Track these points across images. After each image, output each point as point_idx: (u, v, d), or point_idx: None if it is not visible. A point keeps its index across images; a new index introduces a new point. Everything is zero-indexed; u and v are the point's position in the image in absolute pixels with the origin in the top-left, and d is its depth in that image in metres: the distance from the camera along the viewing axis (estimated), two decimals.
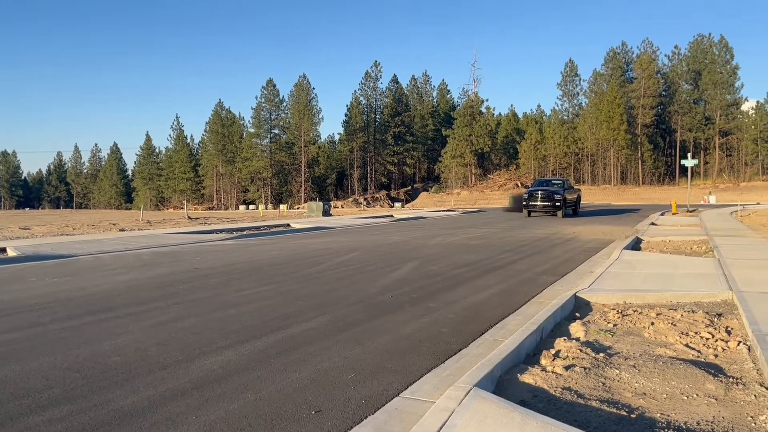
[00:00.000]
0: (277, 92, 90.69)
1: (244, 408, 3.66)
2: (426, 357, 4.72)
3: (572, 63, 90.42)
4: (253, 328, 5.83)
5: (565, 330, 5.69)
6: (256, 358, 4.74)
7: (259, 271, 10.29)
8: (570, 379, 4.11)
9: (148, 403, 3.76)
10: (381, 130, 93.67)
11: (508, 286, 8.35)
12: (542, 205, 27.36)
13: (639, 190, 75.17)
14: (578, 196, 31.30)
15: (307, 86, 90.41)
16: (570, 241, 15.43)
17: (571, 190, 29.85)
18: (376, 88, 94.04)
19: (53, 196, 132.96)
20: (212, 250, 14.07)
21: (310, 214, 39.97)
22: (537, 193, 27.83)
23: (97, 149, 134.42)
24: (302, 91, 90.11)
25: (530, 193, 28.37)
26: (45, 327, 5.98)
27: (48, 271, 10.45)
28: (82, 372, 4.42)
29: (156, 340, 5.34)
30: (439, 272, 9.79)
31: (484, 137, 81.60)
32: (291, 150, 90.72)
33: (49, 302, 7.35)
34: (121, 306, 7.07)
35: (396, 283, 8.72)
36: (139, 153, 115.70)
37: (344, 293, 7.86)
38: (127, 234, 19.87)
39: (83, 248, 14.06)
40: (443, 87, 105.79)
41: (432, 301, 7.22)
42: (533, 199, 27.79)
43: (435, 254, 12.58)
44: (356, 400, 3.78)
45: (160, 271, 10.36)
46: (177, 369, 4.47)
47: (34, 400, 3.84)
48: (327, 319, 6.21)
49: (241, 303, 7.21)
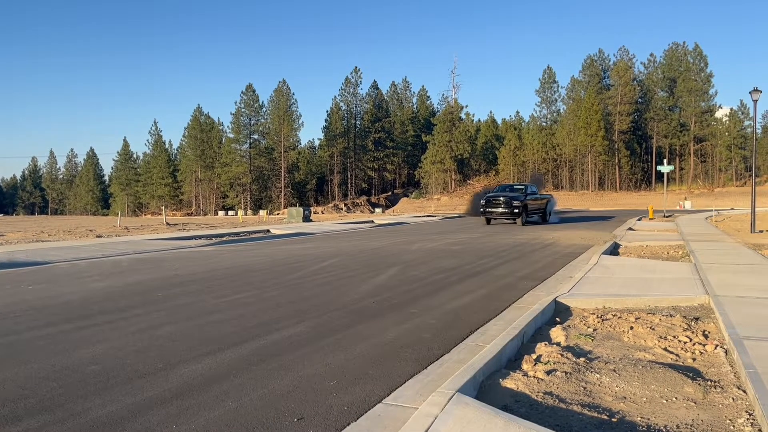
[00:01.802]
0: (256, 97, 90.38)
1: (225, 416, 3.62)
2: (408, 363, 4.72)
3: (550, 70, 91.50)
4: (234, 335, 5.78)
5: (545, 335, 5.73)
6: (237, 366, 4.69)
7: (239, 277, 10.20)
8: (551, 383, 4.13)
9: (126, 412, 3.70)
10: (361, 136, 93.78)
11: (488, 291, 8.38)
12: (500, 212, 25.69)
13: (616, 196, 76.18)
14: (548, 203, 29.18)
15: (287, 92, 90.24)
16: (549, 247, 15.55)
17: (534, 196, 27.77)
18: (357, 94, 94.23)
19: (28, 202, 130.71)
20: (192, 257, 13.93)
21: (291, 220, 39.82)
22: (495, 199, 26.24)
23: (73, 154, 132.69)
24: (282, 96, 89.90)
25: (488, 198, 26.64)
26: (20, 335, 5.86)
27: (23, 278, 10.26)
28: (59, 381, 4.34)
29: (135, 348, 5.27)
30: (420, 277, 9.81)
31: (463, 143, 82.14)
32: (271, 155, 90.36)
33: (24, 310, 7.22)
34: (98, 313, 6.96)
35: (378, 288, 8.71)
36: (117, 158, 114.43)
37: (326, 299, 7.83)
38: (105, 240, 19.60)
39: (59, 255, 13.83)
40: (423, 93, 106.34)
41: (414, 306, 7.22)
42: (491, 205, 26.18)
43: (416, 259, 12.59)
44: (339, 407, 3.76)
45: (139, 277, 10.23)
46: (156, 377, 4.41)
47: (10, 410, 3.76)
48: (309, 326, 6.18)
49: (222, 310, 7.14)
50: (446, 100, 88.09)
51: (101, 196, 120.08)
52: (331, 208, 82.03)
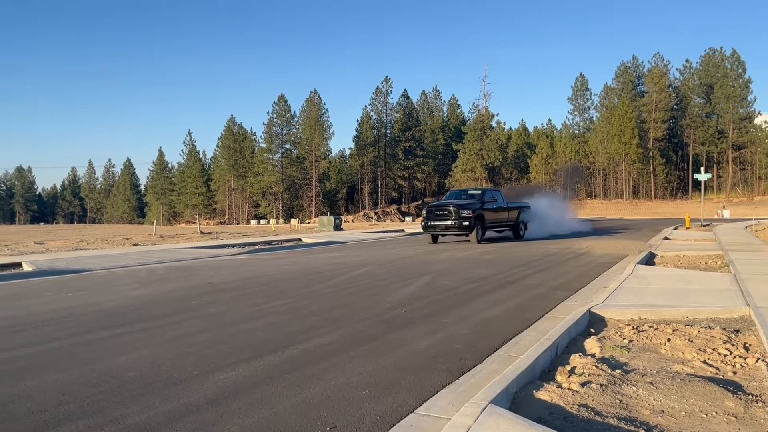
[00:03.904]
0: (288, 108, 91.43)
1: (259, 424, 3.66)
2: (440, 373, 4.70)
3: (583, 77, 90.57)
4: (267, 343, 5.83)
5: (580, 346, 5.64)
6: (270, 374, 4.74)
7: (272, 285, 10.30)
8: (586, 395, 4.07)
9: (163, 418, 3.76)
10: (391, 145, 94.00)
11: (521, 302, 8.30)
12: (446, 226, 20.02)
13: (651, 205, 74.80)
14: (520, 213, 23.25)
15: (318, 102, 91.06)
16: (582, 256, 15.34)
17: (496, 204, 21.76)
18: (387, 103, 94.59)
19: (67, 211, 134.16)
20: (225, 265, 14.12)
21: (321, 229, 40.07)
22: (440, 209, 20.47)
23: (111, 164, 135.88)
24: (313, 106, 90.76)
25: (430, 209, 20.96)
26: (60, 342, 6.01)
27: (63, 285, 10.53)
28: (98, 387, 4.44)
29: (170, 355, 5.36)
30: (451, 287, 9.76)
31: (494, 151, 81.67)
32: (302, 165, 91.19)
33: (64, 317, 7.40)
34: (135, 321, 7.10)
35: (409, 298, 8.70)
36: (152, 168, 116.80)
37: (357, 308, 7.85)
38: (141, 249, 20.00)
39: (97, 263, 14.16)
40: (453, 102, 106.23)
41: (445, 316, 7.19)
42: (434, 217, 20.45)
43: (447, 269, 12.54)
44: (371, 416, 3.77)
45: (174, 285, 10.41)
46: (191, 384, 4.47)
47: (51, 414, 3.86)
48: (340, 335, 6.20)
49: (255, 318, 7.22)
50: (477, 109, 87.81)
51: (137, 205, 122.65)
52: (362, 216, 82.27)
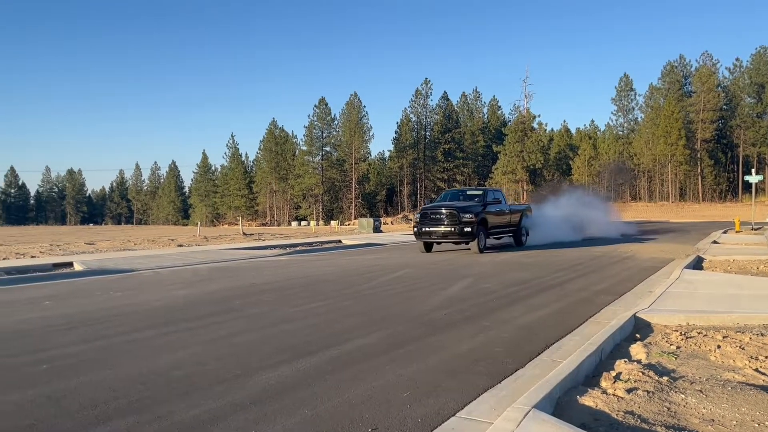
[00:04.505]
0: (329, 110, 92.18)
1: (301, 423, 3.70)
2: (482, 376, 4.67)
3: (627, 77, 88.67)
4: (309, 343, 5.89)
5: (625, 352, 5.53)
6: (312, 374, 4.78)
7: (313, 286, 10.40)
8: (633, 402, 3.98)
9: (208, 416, 3.84)
10: (431, 147, 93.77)
11: (563, 306, 8.17)
12: (443, 232, 17.00)
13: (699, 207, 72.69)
14: (522, 216, 20.50)
15: (358, 104, 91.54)
16: (627, 260, 15.01)
17: (499, 207, 18.87)
18: (427, 105, 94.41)
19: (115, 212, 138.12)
20: (267, 266, 14.32)
21: (361, 231, 40.27)
22: (435, 212, 17.37)
23: (157, 167, 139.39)
24: (353, 109, 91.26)
25: (424, 212, 17.73)
26: (110, 340, 6.20)
27: (112, 285, 10.85)
28: (146, 384, 4.56)
29: (215, 355, 5.47)
30: (492, 290, 9.68)
31: (536, 153, 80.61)
32: (342, 167, 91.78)
33: (113, 316, 7.63)
34: (180, 320, 7.27)
35: (449, 300, 8.67)
36: (196, 170, 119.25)
37: (397, 310, 7.86)
38: (185, 249, 20.45)
39: (144, 263, 14.54)
40: (494, 103, 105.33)
41: (486, 319, 7.14)
42: (428, 221, 17.35)
43: (487, 272, 12.44)
44: (412, 419, 3.77)
45: (218, 286, 10.61)
46: (235, 383, 4.55)
47: (102, 410, 3.98)
48: (381, 336, 6.22)
49: (296, 318, 7.30)
50: (518, 110, 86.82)
51: (181, 206, 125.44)
52: (401, 218, 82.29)
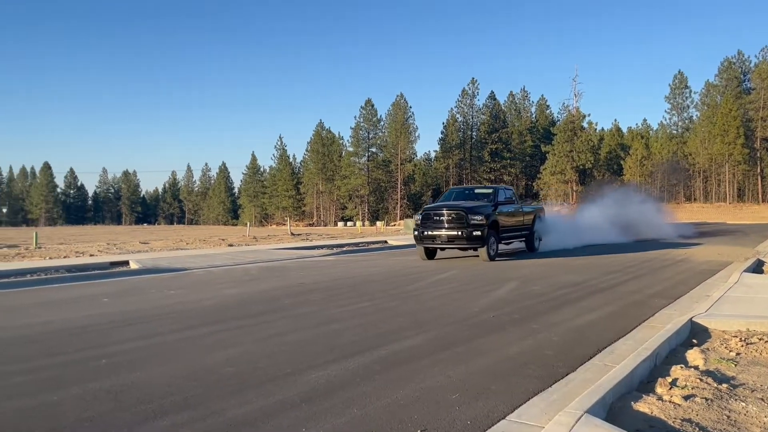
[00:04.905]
0: (375, 111, 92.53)
1: (350, 423, 3.73)
2: (531, 380, 4.60)
3: (681, 75, 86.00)
4: (356, 343, 5.93)
5: (681, 357, 5.36)
6: (360, 374, 4.82)
7: (359, 287, 10.46)
8: (690, 409, 3.86)
9: (260, 413, 3.91)
10: (477, 147, 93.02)
11: (615, 309, 7.99)
12: (448, 236, 14.87)
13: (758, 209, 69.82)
14: (535, 218, 18.47)
15: (404, 105, 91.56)
16: (681, 263, 14.56)
17: (511, 207, 16.93)
18: (473, 105, 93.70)
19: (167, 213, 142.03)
20: (314, 266, 14.48)
21: (407, 231, 40.21)
22: (438, 214, 15.22)
23: (207, 168, 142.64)
24: (399, 109, 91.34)
25: (426, 214, 15.51)
26: (165, 337, 6.38)
27: (165, 283, 11.17)
28: (199, 381, 4.67)
29: (265, 353, 5.56)
30: (541, 292, 9.54)
31: (585, 153, 78.98)
32: (387, 168, 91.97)
33: (167, 313, 7.85)
34: (231, 319, 7.42)
35: (496, 302, 8.59)
36: (245, 172, 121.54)
37: (444, 311, 7.84)
38: (235, 249, 20.86)
39: (196, 262, 14.90)
40: (542, 102, 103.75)
41: (535, 322, 7.04)
42: (431, 224, 15.23)
43: (535, 274, 12.26)
44: (462, 420, 3.75)
45: (267, 285, 10.79)
46: (286, 381, 4.62)
47: (158, 405, 4.10)
48: (428, 337, 6.21)
49: (344, 318, 7.36)
50: (567, 109, 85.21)
51: (231, 207, 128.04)
52: None
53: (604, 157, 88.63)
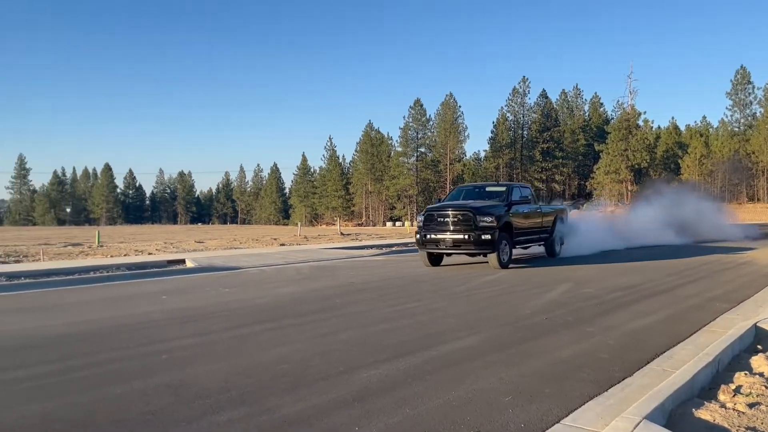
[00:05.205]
0: (424, 111, 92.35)
1: (403, 423, 3.75)
2: (586, 384, 4.52)
3: (744, 70, 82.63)
4: (407, 343, 5.94)
5: (745, 364, 5.16)
6: (411, 374, 4.83)
7: (409, 287, 10.48)
8: (755, 418, 3.72)
9: (314, 411, 3.98)
10: (528, 146, 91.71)
11: (673, 313, 7.75)
12: (453, 240, 13.25)
13: None
14: (556, 220, 16.80)
15: (453, 104, 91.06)
16: (744, 265, 14.00)
17: (527, 208, 15.28)
18: (524, 103, 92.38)
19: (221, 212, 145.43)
20: (364, 266, 14.58)
21: None
22: (443, 215, 13.70)
23: (259, 169, 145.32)
24: (448, 109, 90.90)
25: (429, 214, 14.00)
26: (220, 334, 6.55)
27: (220, 281, 11.45)
28: (254, 377, 4.78)
29: (317, 351, 5.64)
30: (594, 295, 9.34)
31: (641, 152, 76.78)
32: (436, 168, 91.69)
33: (222, 311, 8.05)
34: (284, 317, 7.56)
35: (549, 304, 8.46)
36: (296, 172, 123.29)
37: (495, 313, 7.77)
38: (287, 248, 21.20)
39: (249, 261, 15.22)
40: (596, 100, 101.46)
41: (589, 325, 6.90)
42: (435, 226, 13.68)
43: (589, 276, 12.02)
44: (515, 423, 3.72)
45: (318, 284, 10.93)
46: (338, 380, 4.68)
47: (215, 400, 4.22)
48: (479, 339, 6.17)
49: (394, 318, 7.39)
50: (621, 107, 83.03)
51: (282, 207, 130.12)
52: None
53: (660, 156, 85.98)
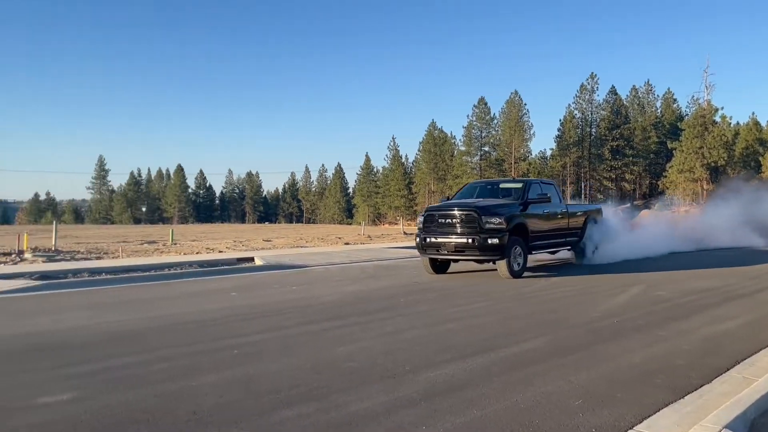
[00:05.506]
0: (488, 110, 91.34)
1: (470, 424, 3.73)
2: (661, 390, 4.37)
3: None
4: (472, 344, 5.91)
5: None
6: (478, 375, 4.80)
7: (474, 287, 10.40)
8: None
9: (381, 408, 4.01)
10: (596, 145, 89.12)
11: (755, 318, 7.38)
12: (455, 244, 11.63)
13: None
14: (587, 221, 15.00)
15: (518, 102, 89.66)
16: None
17: (549, 207, 13.22)
18: (592, 100, 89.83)
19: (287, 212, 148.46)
20: None
21: None
22: (446, 215, 12.08)
23: (324, 169, 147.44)
24: (513, 107, 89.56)
25: (429, 214, 12.44)
26: (288, 330, 6.70)
27: (287, 279, 11.71)
28: (322, 374, 4.87)
29: (383, 350, 5.69)
30: (667, 298, 9.00)
31: (718, 149, 73.17)
32: (501, 167, 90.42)
33: (290, 308, 8.24)
34: (350, 315, 7.65)
35: (619, 307, 8.21)
36: (359, 172, 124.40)
37: (563, 315, 7.61)
38: (351, 247, 21.44)
39: (315, 260, 15.49)
40: (669, 96, 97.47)
41: (662, 329, 6.66)
42: (434, 227, 12.08)
43: (661, 278, 11.58)
44: (586, 428, 3.64)
45: (382, 283, 11.00)
46: (404, 379, 4.70)
47: (285, 395, 4.32)
48: (546, 341, 6.07)
49: (459, 318, 7.36)
50: (696, 103, 79.33)
51: (346, 206, 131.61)
52: None
53: (739, 154, 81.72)
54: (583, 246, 14.92)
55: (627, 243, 16.48)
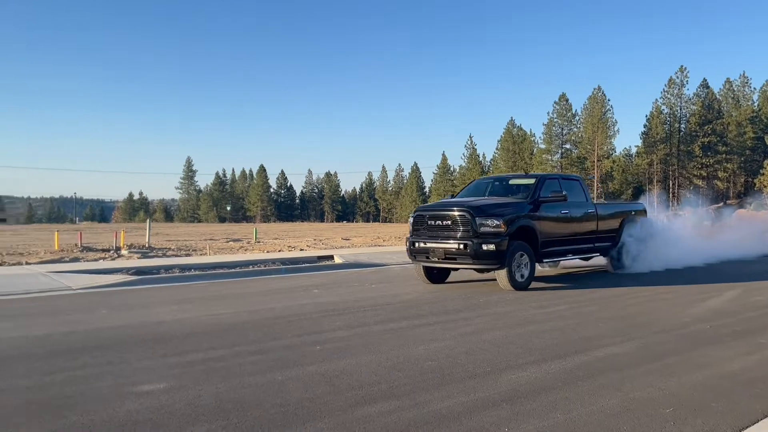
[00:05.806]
0: (569, 106, 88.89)
1: (554, 427, 3.67)
2: (760, 400, 4.14)
3: None
4: (555, 347, 5.80)
5: None
6: (561, 378, 4.71)
7: (555, 288, 10.18)
8: None
9: (462, 408, 4.02)
10: (686, 141, 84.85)
11: None
12: (444, 250, 10.05)
13: None
14: (623, 223, 12.90)
15: (602, 98, 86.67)
16: None
17: (567, 207, 11.36)
18: (682, 95, 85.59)
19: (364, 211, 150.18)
20: None
21: None
22: (436, 217, 10.57)
23: (400, 169, 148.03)
24: (596, 103, 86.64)
25: (419, 216, 10.88)
26: (369, 327, 6.82)
27: (366, 277, 11.88)
28: (403, 372, 4.93)
29: (464, 349, 5.68)
30: (766, 303, 8.48)
31: None
32: (583, 165, 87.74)
33: (370, 305, 8.36)
34: (429, 314, 7.68)
35: (712, 312, 7.82)
36: (436, 171, 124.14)
37: (649, 319, 7.33)
38: None
39: (392, 258, 15.61)
40: (767, 89, 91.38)
41: (762, 336, 6.29)
42: (424, 231, 10.60)
43: (761, 282, 10.91)
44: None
45: (461, 283, 10.95)
46: (486, 379, 4.69)
47: (367, 392, 4.41)
48: (633, 346, 5.87)
49: (540, 320, 7.24)
50: None
51: None
52: None
53: None
54: (618, 253, 12.81)
55: (693, 248, 14.86)
